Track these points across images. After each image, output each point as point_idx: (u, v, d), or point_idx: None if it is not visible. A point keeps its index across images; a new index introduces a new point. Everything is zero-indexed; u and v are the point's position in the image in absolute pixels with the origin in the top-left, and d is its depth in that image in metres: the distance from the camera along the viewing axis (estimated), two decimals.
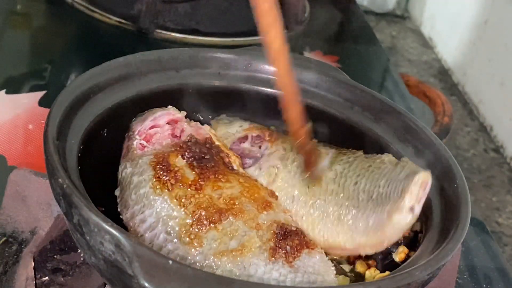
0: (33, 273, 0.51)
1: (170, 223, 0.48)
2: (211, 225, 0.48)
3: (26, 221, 0.54)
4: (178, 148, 0.53)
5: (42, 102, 0.79)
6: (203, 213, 0.48)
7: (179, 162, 0.52)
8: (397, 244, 0.54)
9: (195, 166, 0.52)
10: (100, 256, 0.41)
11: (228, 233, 0.48)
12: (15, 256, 0.53)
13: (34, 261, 0.52)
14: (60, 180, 0.42)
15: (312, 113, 0.61)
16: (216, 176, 0.51)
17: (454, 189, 0.51)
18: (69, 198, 0.41)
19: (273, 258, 0.47)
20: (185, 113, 0.57)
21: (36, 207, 0.54)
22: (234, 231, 0.48)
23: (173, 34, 1.00)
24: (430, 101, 1.15)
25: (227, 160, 0.55)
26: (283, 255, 0.47)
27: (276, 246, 0.48)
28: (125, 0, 1.03)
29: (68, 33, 1.03)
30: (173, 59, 0.59)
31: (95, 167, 0.51)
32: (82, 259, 0.54)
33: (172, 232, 0.47)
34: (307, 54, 1.08)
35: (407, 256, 0.52)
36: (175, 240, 0.47)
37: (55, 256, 0.54)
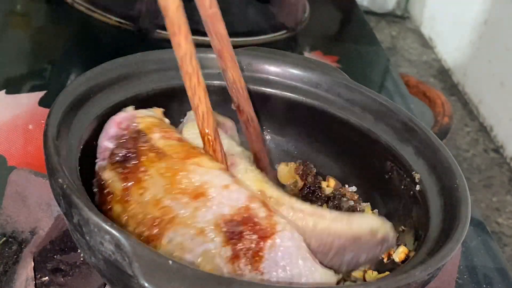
0: (33, 273, 0.51)
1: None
2: (155, 241, 0.43)
3: (26, 221, 0.54)
4: (108, 158, 0.48)
5: (42, 102, 0.79)
6: (141, 228, 0.43)
7: (107, 174, 0.47)
8: (397, 244, 0.54)
9: (120, 172, 0.46)
10: (100, 256, 0.41)
11: (177, 248, 0.43)
12: (15, 256, 0.53)
13: (34, 261, 0.52)
14: (60, 180, 0.42)
15: (312, 113, 0.61)
16: (138, 174, 0.45)
17: (454, 189, 0.51)
18: (69, 198, 0.41)
19: (239, 271, 0.42)
20: (131, 107, 0.53)
21: (36, 207, 0.54)
22: (179, 244, 0.43)
23: None
24: (430, 101, 1.15)
25: (151, 141, 0.48)
26: (248, 263, 0.42)
27: (235, 255, 0.42)
28: (125, 0, 1.03)
29: (68, 33, 1.03)
30: (173, 59, 0.59)
31: (95, 167, 0.51)
32: (82, 259, 0.54)
33: None
34: (307, 54, 1.08)
35: (407, 256, 0.52)
36: None
37: (55, 256, 0.53)
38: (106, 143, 0.50)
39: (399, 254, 0.52)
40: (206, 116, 0.48)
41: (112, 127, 0.51)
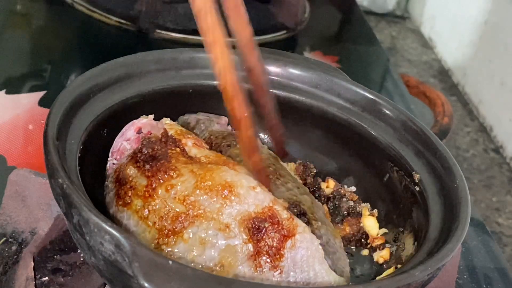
0: (33, 273, 0.51)
1: (141, 240, 0.45)
2: (176, 235, 0.44)
3: (26, 221, 0.54)
4: (132, 156, 0.50)
5: (42, 102, 0.79)
6: (164, 223, 0.45)
7: (131, 171, 0.48)
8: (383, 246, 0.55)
9: (146, 169, 0.48)
10: (100, 256, 0.41)
11: (197, 243, 0.44)
12: (15, 256, 0.53)
13: (34, 261, 0.51)
14: (60, 180, 0.42)
15: (312, 113, 0.61)
16: (167, 173, 0.47)
17: (454, 189, 0.51)
18: (69, 198, 0.41)
19: (259, 268, 0.44)
20: (152, 116, 0.55)
21: (36, 207, 0.54)
22: (202, 239, 0.44)
23: (173, 34, 1.00)
24: (430, 101, 1.15)
25: (182, 147, 0.51)
26: (268, 260, 0.44)
27: (256, 251, 0.44)
28: (125, 0, 1.03)
29: (68, 33, 1.03)
30: (173, 59, 0.59)
31: (95, 167, 0.51)
32: (82, 259, 0.53)
33: None
34: (307, 54, 1.08)
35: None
36: None
37: (55, 256, 0.53)
38: (124, 143, 0.52)
39: (380, 256, 0.54)
40: (223, 72, 0.48)
41: (131, 130, 0.53)
